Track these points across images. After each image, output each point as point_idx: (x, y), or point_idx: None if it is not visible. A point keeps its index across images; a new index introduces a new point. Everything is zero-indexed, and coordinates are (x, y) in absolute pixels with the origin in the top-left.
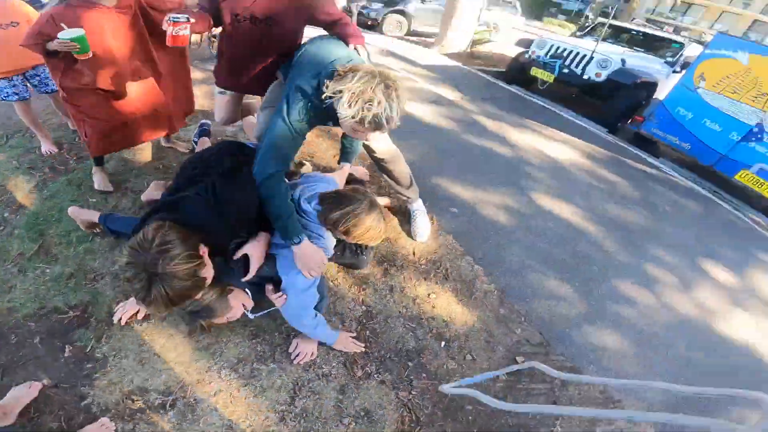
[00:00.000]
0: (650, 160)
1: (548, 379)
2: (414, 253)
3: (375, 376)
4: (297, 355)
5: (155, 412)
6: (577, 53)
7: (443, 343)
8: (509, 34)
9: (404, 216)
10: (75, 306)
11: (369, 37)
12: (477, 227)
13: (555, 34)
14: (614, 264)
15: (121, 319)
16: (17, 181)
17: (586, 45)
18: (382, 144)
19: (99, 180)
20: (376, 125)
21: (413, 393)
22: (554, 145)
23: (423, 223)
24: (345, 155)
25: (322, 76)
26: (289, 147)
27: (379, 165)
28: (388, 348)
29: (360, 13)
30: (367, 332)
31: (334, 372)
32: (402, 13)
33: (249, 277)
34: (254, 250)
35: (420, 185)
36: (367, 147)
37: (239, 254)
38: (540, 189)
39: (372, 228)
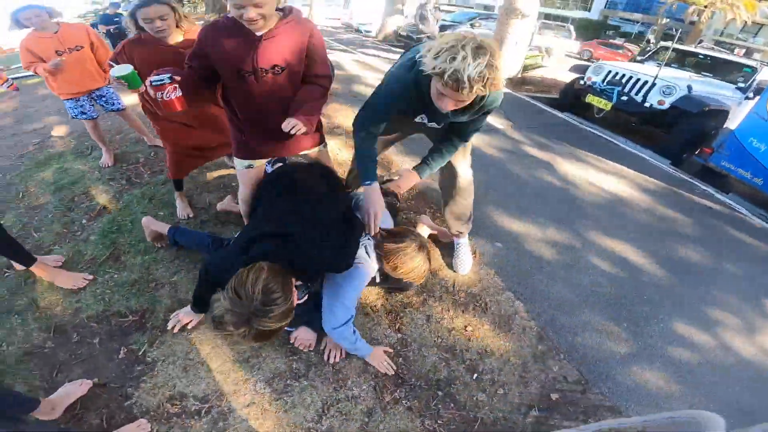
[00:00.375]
0: (718, 195)
1: (581, 418)
2: (454, 286)
3: (403, 402)
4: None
5: (190, 418)
6: (638, 79)
7: (475, 375)
8: (563, 59)
9: (446, 248)
10: (135, 311)
11: None
12: (521, 262)
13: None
14: (669, 304)
15: (174, 327)
16: (97, 191)
17: (648, 71)
18: (464, 170)
19: (180, 206)
20: (455, 81)
21: (439, 422)
22: (610, 178)
23: (466, 256)
24: (421, 167)
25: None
26: (377, 119)
27: (448, 193)
28: (419, 376)
29: (408, 37)
30: (400, 359)
31: (363, 394)
32: None
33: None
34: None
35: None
36: (449, 169)
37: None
38: (592, 225)
39: (417, 268)
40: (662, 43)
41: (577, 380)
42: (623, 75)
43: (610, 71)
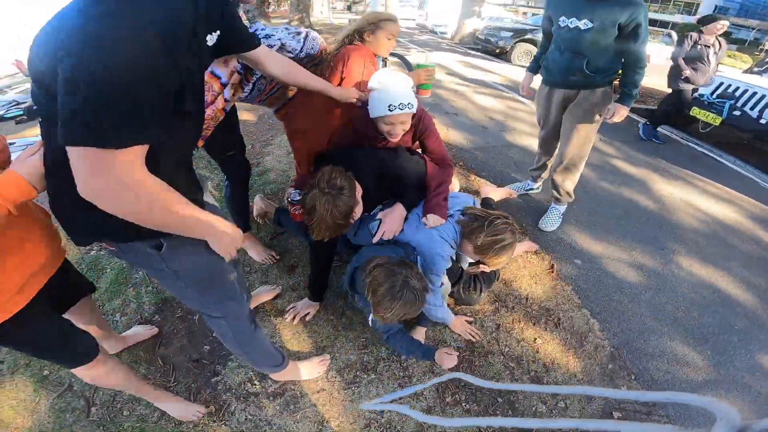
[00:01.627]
0: None
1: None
2: (527, 298)
3: (463, 404)
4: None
5: (266, 398)
6: (754, 93)
7: None
8: (663, 66)
9: (524, 260)
10: None
11: (495, 65)
12: (601, 282)
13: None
14: (762, 337)
15: (294, 318)
16: (202, 180)
17: (765, 83)
18: (583, 145)
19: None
20: None
21: (495, 428)
22: (711, 199)
23: (555, 218)
24: (624, 98)
25: None
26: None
27: (560, 159)
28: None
29: (487, 41)
30: (465, 363)
31: (426, 393)
32: (532, 42)
33: (375, 239)
34: (385, 217)
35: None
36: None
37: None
38: (685, 250)
39: (507, 260)
40: None
41: (645, 401)
42: (737, 87)
43: (722, 83)
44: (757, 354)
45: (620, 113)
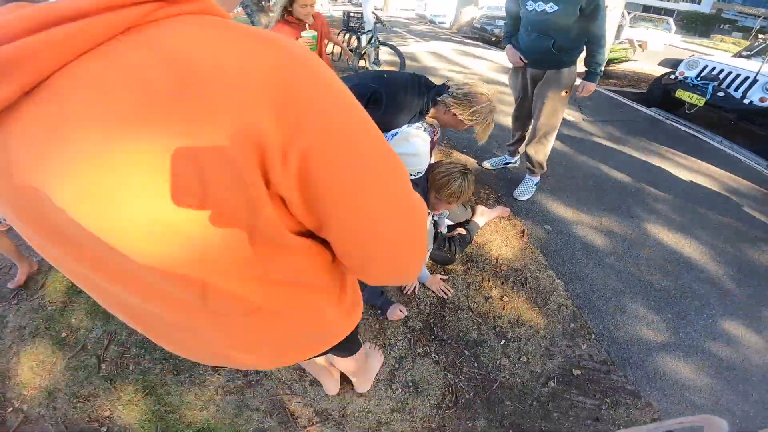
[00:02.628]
0: None
1: (598, 396)
2: (498, 259)
3: (432, 355)
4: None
5: None
6: (737, 75)
7: (502, 341)
8: (661, 53)
9: (497, 225)
10: None
11: (492, 53)
12: (569, 246)
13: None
14: (723, 303)
15: None
16: None
17: (750, 66)
18: (551, 118)
19: None
20: None
21: (461, 377)
22: (691, 175)
23: (529, 188)
24: (590, 75)
25: None
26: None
27: (534, 132)
28: (451, 335)
29: (483, 29)
30: (436, 318)
31: (398, 344)
32: None
33: None
34: None
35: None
36: (543, 113)
37: None
38: (655, 218)
39: (457, 190)
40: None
41: (603, 360)
42: (721, 70)
43: (706, 66)
44: (717, 318)
45: (588, 89)
